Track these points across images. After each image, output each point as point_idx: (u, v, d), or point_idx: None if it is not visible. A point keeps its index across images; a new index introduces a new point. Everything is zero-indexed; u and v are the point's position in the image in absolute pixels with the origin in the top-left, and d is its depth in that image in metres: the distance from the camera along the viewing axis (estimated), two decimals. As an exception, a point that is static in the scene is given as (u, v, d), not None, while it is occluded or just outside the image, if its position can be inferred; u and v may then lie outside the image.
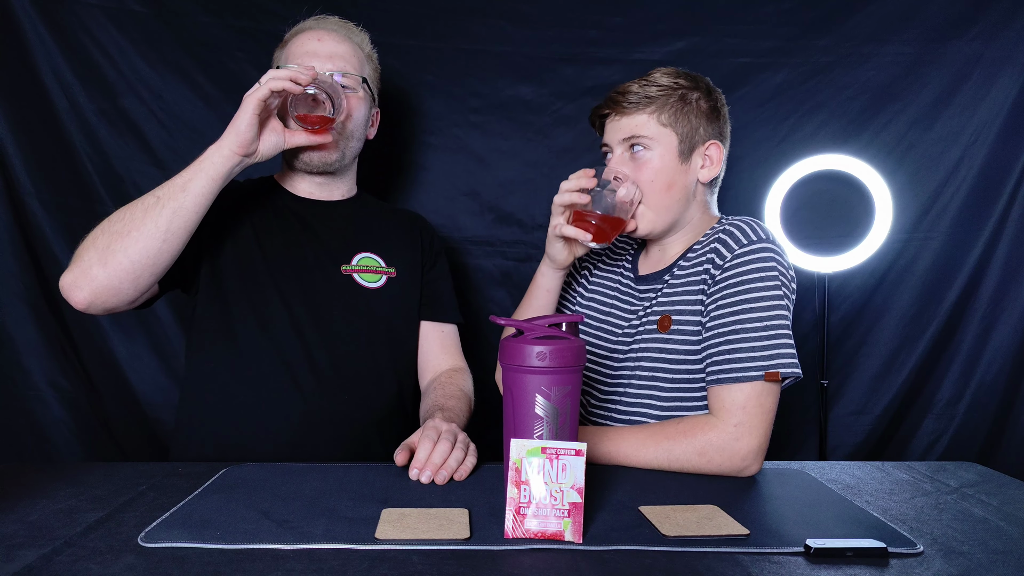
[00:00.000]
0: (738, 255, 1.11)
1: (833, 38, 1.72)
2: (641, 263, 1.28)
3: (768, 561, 0.74)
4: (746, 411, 1.04)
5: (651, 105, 1.17)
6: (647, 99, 1.17)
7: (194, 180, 1.10)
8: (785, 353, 1.05)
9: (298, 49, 1.28)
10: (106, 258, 1.07)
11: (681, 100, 1.18)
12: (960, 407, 1.78)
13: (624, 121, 1.19)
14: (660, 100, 1.17)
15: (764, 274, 1.09)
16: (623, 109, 1.19)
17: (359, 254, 1.32)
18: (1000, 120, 1.72)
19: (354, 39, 1.32)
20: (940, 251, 1.76)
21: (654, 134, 1.17)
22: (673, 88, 1.18)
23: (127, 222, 1.09)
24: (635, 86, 1.19)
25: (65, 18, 1.58)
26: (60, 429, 1.64)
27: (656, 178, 1.17)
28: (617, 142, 1.20)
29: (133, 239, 1.07)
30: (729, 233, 1.13)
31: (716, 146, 1.20)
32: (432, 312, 1.38)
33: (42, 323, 1.62)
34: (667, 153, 1.18)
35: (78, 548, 0.74)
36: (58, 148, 1.60)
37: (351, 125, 1.29)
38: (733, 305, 1.08)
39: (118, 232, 1.08)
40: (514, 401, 0.86)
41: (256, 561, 0.71)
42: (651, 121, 1.18)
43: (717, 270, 1.12)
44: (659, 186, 1.18)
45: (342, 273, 1.29)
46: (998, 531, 0.84)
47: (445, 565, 0.71)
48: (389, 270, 1.33)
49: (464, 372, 1.36)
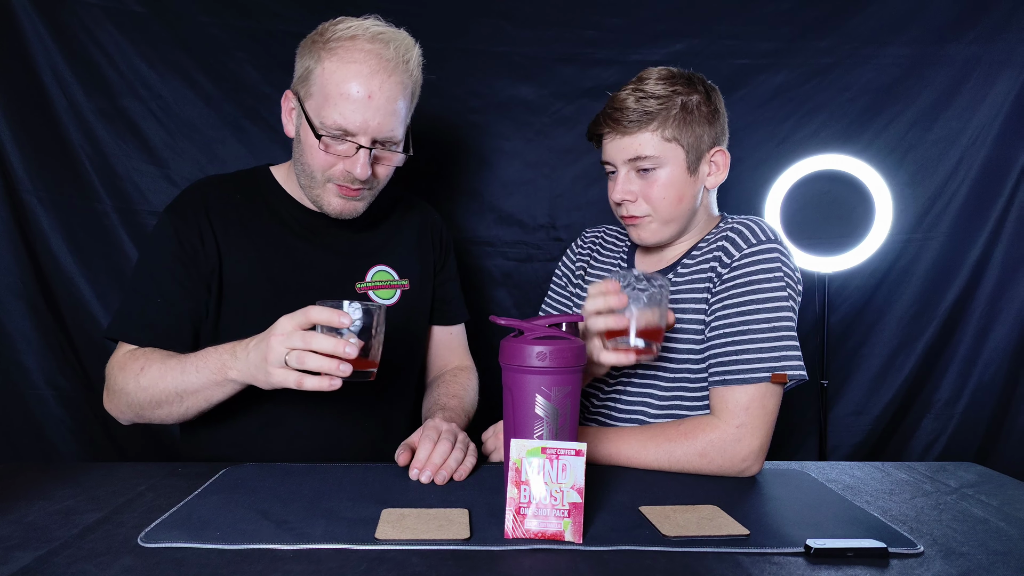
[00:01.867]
0: (746, 254, 1.10)
1: (833, 39, 1.72)
2: (640, 261, 1.27)
3: (768, 561, 0.74)
4: (749, 412, 1.04)
5: (652, 122, 1.12)
6: (647, 115, 1.12)
7: (214, 397, 1.05)
8: (792, 355, 1.05)
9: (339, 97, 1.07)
10: (142, 416, 1.11)
11: (683, 110, 1.13)
12: (959, 407, 1.79)
13: (626, 141, 1.14)
14: (661, 115, 1.12)
15: (772, 274, 1.08)
16: (624, 128, 1.13)
17: (373, 268, 1.25)
18: (999, 121, 1.72)
19: (408, 72, 1.13)
20: (939, 252, 1.76)
21: (660, 152, 1.13)
22: (671, 97, 1.13)
23: (154, 404, 1.07)
24: (631, 100, 1.12)
25: (65, 18, 1.58)
26: (58, 428, 1.64)
27: (667, 194, 1.14)
28: (621, 162, 1.15)
29: (162, 418, 1.09)
30: (737, 232, 1.13)
31: (722, 153, 1.18)
32: (442, 317, 1.36)
33: (41, 322, 1.61)
34: (675, 168, 1.14)
35: (76, 549, 0.74)
36: (58, 148, 1.60)
37: (382, 182, 1.19)
38: (740, 305, 1.08)
39: (148, 408, 1.09)
40: (514, 401, 0.86)
41: (255, 562, 0.71)
42: (655, 138, 1.13)
43: (724, 269, 1.11)
44: (670, 201, 1.15)
45: (357, 292, 1.23)
46: (998, 531, 0.84)
47: (445, 565, 0.71)
48: (403, 283, 1.27)
49: (469, 371, 1.35)
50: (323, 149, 1.10)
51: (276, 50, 1.63)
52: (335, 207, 1.16)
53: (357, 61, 1.08)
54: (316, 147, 1.10)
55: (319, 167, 1.12)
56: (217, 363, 1.00)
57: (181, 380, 1.03)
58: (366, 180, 1.13)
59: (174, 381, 1.04)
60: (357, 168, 1.10)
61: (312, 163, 1.12)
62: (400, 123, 1.14)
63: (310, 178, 1.15)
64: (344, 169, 1.12)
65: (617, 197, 1.16)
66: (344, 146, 1.10)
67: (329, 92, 1.08)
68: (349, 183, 1.13)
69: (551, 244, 1.74)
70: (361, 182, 1.13)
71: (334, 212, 1.17)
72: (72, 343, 1.64)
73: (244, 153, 1.66)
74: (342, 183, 1.13)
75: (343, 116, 1.08)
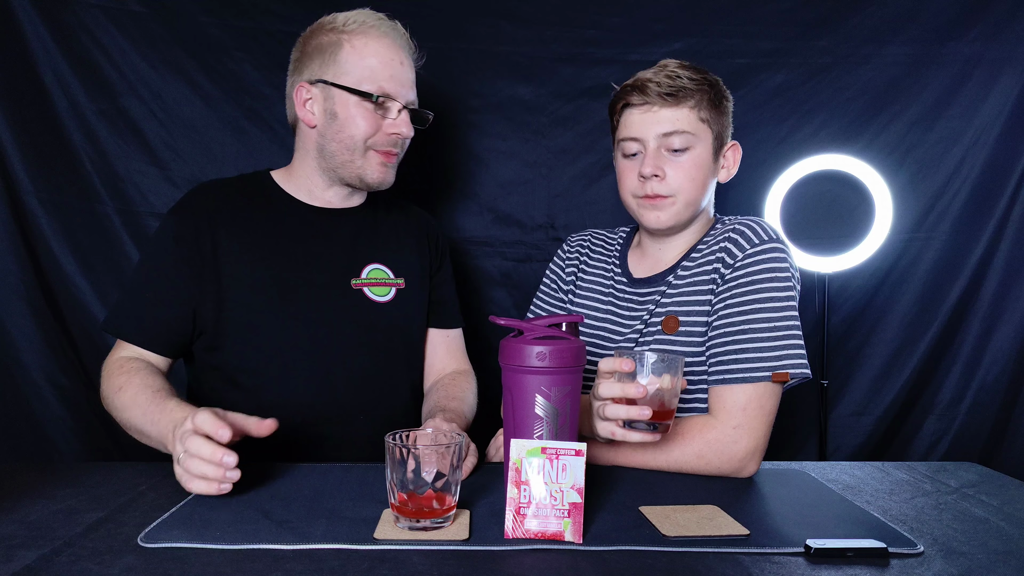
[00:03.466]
0: (749, 254, 1.10)
1: (833, 39, 1.72)
2: (635, 265, 1.25)
3: (768, 561, 0.74)
4: (746, 413, 1.04)
5: (691, 98, 1.11)
6: (686, 91, 1.10)
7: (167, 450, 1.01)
8: (794, 353, 1.04)
9: (378, 66, 1.17)
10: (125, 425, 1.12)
11: (714, 94, 1.13)
12: (961, 408, 1.78)
13: (664, 113, 1.11)
14: (698, 94, 1.11)
15: (775, 274, 1.08)
16: (663, 100, 1.10)
17: (368, 266, 1.27)
18: (1001, 121, 1.72)
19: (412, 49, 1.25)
20: (941, 252, 1.75)
21: (695, 130, 1.12)
22: (705, 79, 1.13)
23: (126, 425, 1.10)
24: (667, 75, 1.10)
25: (65, 18, 1.58)
26: (59, 427, 1.64)
27: (696, 175, 1.14)
28: (654, 136, 1.13)
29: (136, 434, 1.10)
30: (740, 232, 1.12)
31: (736, 148, 1.18)
32: (438, 320, 1.37)
33: (41, 321, 1.61)
34: (704, 151, 1.14)
35: (78, 548, 0.74)
36: (58, 148, 1.60)
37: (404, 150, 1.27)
38: (742, 305, 1.08)
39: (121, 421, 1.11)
40: (514, 401, 0.86)
41: (256, 561, 0.71)
42: (692, 115, 1.12)
43: (727, 269, 1.11)
44: (697, 183, 1.14)
45: (352, 288, 1.24)
46: (998, 531, 0.84)
47: (445, 565, 0.71)
48: (398, 281, 1.29)
49: (467, 375, 1.36)
50: (371, 112, 1.18)
51: (276, 50, 1.63)
52: (377, 175, 1.22)
53: (385, 35, 1.19)
54: (361, 115, 1.18)
55: (364, 135, 1.19)
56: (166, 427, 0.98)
57: (141, 422, 1.05)
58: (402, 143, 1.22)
59: (136, 420, 1.06)
60: (403, 127, 1.20)
61: (357, 133, 1.19)
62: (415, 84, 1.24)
63: (351, 151, 1.20)
64: (387, 133, 1.20)
65: (647, 171, 1.13)
66: (390, 111, 1.20)
67: (368, 63, 1.17)
68: (391, 146, 1.21)
69: (549, 244, 1.74)
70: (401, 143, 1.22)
71: (376, 181, 1.23)
72: (73, 343, 1.64)
73: (244, 153, 1.66)
74: (383, 148, 1.21)
75: (386, 81, 1.18)
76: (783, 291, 1.07)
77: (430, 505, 0.79)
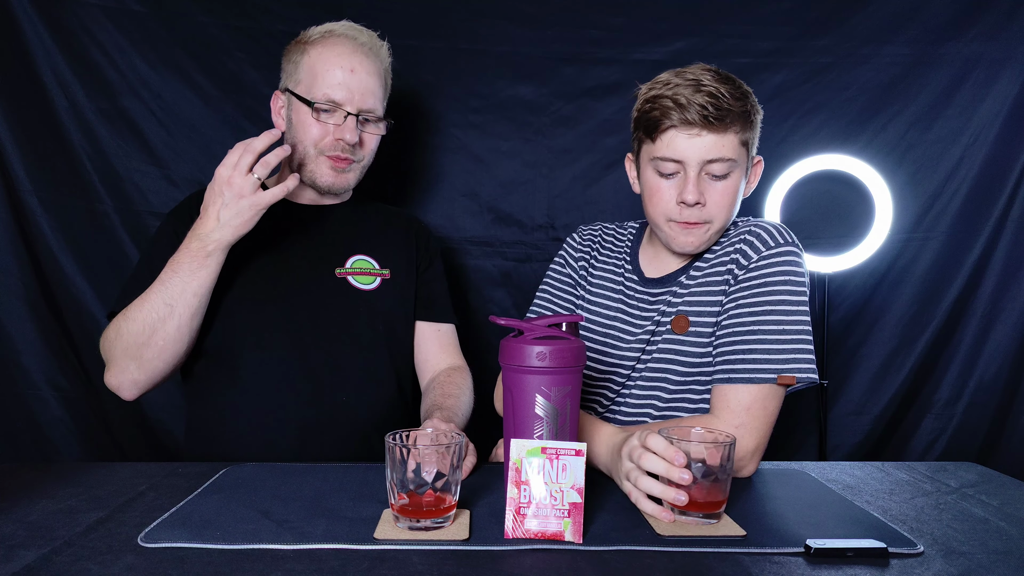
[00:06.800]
0: (764, 256, 1.09)
1: (833, 38, 1.72)
2: (647, 264, 1.24)
3: (768, 561, 0.74)
4: (750, 413, 1.03)
5: (736, 124, 1.06)
6: (733, 115, 1.05)
7: (204, 284, 1.13)
8: (803, 358, 1.04)
9: (325, 73, 1.23)
10: (142, 365, 1.14)
11: (753, 112, 1.09)
12: (959, 407, 1.78)
13: (710, 139, 1.06)
14: (744, 116, 1.07)
15: (790, 278, 1.07)
16: (708, 125, 1.05)
17: (353, 257, 1.32)
18: (1000, 120, 1.72)
19: (380, 58, 1.29)
20: (940, 251, 1.76)
21: (737, 155, 1.08)
22: (748, 96, 1.09)
23: (148, 331, 1.12)
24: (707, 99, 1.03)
25: (65, 18, 1.58)
26: (59, 428, 1.64)
27: (733, 200, 1.11)
28: (697, 161, 1.07)
29: (160, 348, 1.13)
30: (756, 235, 1.11)
31: (760, 163, 1.17)
32: (428, 313, 1.38)
33: (41, 322, 1.61)
34: (740, 173, 1.11)
35: (78, 548, 0.74)
36: (58, 147, 1.60)
37: (368, 157, 1.31)
38: (753, 306, 1.07)
39: (144, 343, 1.13)
40: (514, 401, 0.86)
41: (256, 561, 0.71)
42: (735, 140, 1.07)
43: (741, 270, 1.10)
44: (732, 208, 1.12)
45: (336, 276, 1.29)
46: (998, 531, 0.84)
47: (445, 565, 0.71)
48: (383, 272, 1.33)
49: (463, 371, 1.36)
50: (315, 119, 1.23)
51: (276, 50, 1.61)
52: (328, 179, 1.27)
53: (338, 44, 1.25)
54: (308, 122, 1.23)
55: (312, 140, 1.24)
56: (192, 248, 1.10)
57: (164, 289, 1.11)
58: (354, 148, 1.25)
59: (158, 295, 1.11)
60: (347, 133, 1.23)
61: (305, 138, 1.24)
62: (379, 101, 1.29)
63: (304, 155, 1.26)
64: (334, 139, 1.24)
65: (691, 198, 1.07)
66: (334, 117, 1.24)
67: (317, 72, 1.23)
68: (339, 152, 1.25)
69: (550, 244, 1.74)
70: (351, 150, 1.25)
71: (326, 184, 1.28)
72: (72, 343, 1.64)
73: (244, 153, 1.66)
74: (333, 153, 1.25)
75: (332, 88, 1.22)
76: (796, 295, 1.07)
77: (430, 505, 0.79)
